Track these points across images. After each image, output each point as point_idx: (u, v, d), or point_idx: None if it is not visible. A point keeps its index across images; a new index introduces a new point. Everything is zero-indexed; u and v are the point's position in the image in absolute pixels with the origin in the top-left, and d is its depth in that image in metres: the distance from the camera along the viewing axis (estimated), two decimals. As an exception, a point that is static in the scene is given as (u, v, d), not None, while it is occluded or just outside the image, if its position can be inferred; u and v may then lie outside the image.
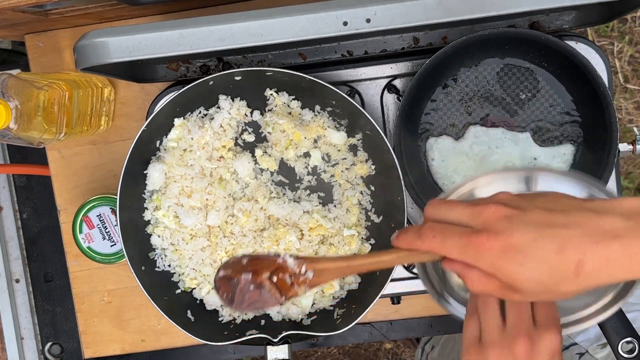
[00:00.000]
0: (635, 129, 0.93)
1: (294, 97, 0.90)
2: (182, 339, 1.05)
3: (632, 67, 1.83)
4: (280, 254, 0.59)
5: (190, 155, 0.90)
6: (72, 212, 0.97)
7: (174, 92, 0.86)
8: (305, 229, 0.90)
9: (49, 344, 1.30)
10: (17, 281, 1.30)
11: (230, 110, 0.90)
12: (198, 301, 0.92)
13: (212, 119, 0.90)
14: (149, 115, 0.92)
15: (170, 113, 0.88)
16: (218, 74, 0.83)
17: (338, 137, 0.90)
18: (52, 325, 1.31)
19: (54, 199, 1.04)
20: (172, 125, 0.90)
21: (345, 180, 0.91)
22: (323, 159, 0.92)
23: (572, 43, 0.87)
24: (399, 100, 0.90)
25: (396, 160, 0.83)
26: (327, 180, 0.92)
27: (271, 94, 0.90)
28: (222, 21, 0.76)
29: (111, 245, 0.96)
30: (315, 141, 0.92)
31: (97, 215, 0.95)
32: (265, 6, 0.78)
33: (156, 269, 0.91)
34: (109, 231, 0.96)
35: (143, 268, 0.88)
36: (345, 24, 0.75)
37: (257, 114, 0.91)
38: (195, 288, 0.92)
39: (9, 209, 1.31)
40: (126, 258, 0.86)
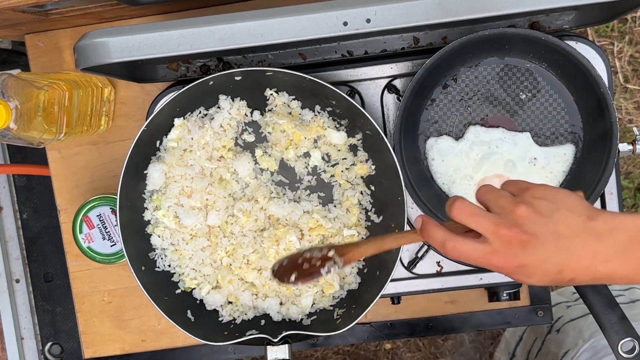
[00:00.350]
0: (635, 129, 0.93)
1: (294, 97, 0.90)
2: (182, 339, 1.05)
3: (632, 67, 1.83)
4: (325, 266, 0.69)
5: (191, 155, 0.90)
6: (72, 212, 0.97)
7: (174, 92, 0.86)
8: (305, 229, 0.90)
9: (49, 344, 1.30)
10: (17, 281, 1.30)
11: (231, 110, 0.90)
12: (198, 301, 0.92)
13: (212, 119, 0.90)
14: (149, 115, 0.92)
15: (170, 113, 0.88)
16: (218, 74, 0.83)
17: (338, 137, 0.90)
18: (52, 325, 1.31)
19: (54, 199, 1.04)
20: (172, 125, 0.90)
21: (345, 180, 0.91)
22: (323, 159, 0.92)
23: (572, 43, 0.87)
24: (399, 100, 0.90)
25: (396, 160, 0.83)
26: (327, 180, 0.92)
27: (271, 94, 0.90)
28: (222, 21, 0.76)
29: (111, 245, 0.96)
30: (315, 141, 0.92)
31: (97, 215, 0.95)
32: (265, 6, 0.78)
33: (156, 269, 0.91)
34: (109, 231, 0.96)
35: (143, 268, 0.88)
36: (345, 24, 0.75)
37: (257, 114, 0.91)
38: (195, 288, 0.92)
39: (9, 209, 1.31)
40: (126, 258, 0.86)
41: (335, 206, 0.91)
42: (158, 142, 0.90)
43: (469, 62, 0.89)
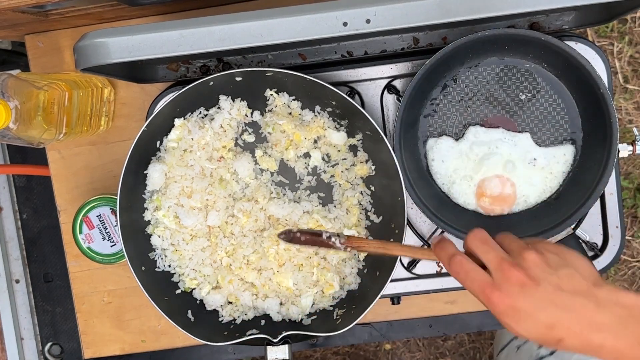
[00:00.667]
0: (635, 129, 0.93)
1: (294, 97, 0.91)
2: (182, 339, 1.05)
3: (632, 67, 1.83)
4: (328, 232, 0.73)
5: (191, 155, 0.90)
6: (72, 213, 0.97)
7: (174, 93, 0.86)
8: (305, 229, 0.90)
9: (49, 344, 1.31)
10: (17, 281, 1.31)
11: (231, 111, 0.90)
12: (198, 301, 0.92)
13: (213, 119, 0.90)
14: (149, 115, 0.92)
15: (171, 113, 0.88)
16: (218, 74, 0.83)
17: (338, 137, 0.90)
18: (52, 325, 1.31)
19: (54, 199, 1.04)
20: (172, 125, 0.90)
21: (345, 180, 0.91)
22: (323, 159, 0.92)
23: (572, 43, 0.87)
24: (399, 100, 0.90)
25: (396, 160, 0.83)
26: (327, 181, 0.92)
27: (271, 95, 0.90)
28: (222, 21, 0.76)
29: (111, 246, 0.96)
30: (315, 141, 0.92)
31: (97, 216, 0.96)
32: (265, 6, 0.78)
33: (156, 269, 0.91)
34: (109, 231, 0.96)
35: (143, 268, 0.88)
36: (345, 24, 0.75)
37: (257, 115, 0.92)
38: (195, 288, 0.92)
39: (9, 209, 1.31)
40: (126, 258, 0.86)
41: (335, 206, 0.92)
42: (158, 142, 0.90)
43: (469, 62, 0.89)
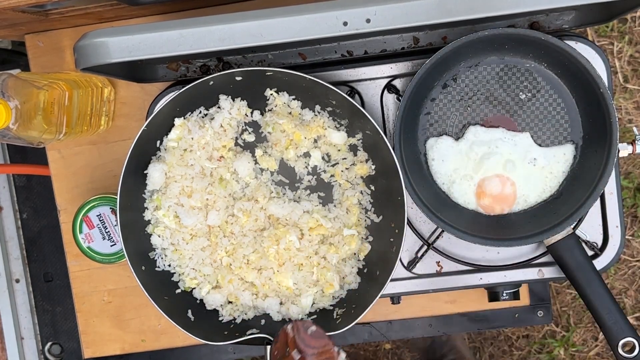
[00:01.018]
0: (635, 129, 0.93)
1: (294, 97, 0.91)
2: (182, 338, 1.06)
3: (632, 67, 1.83)
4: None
5: (191, 155, 0.90)
6: (72, 212, 0.97)
7: (174, 92, 0.86)
8: (305, 228, 0.90)
9: (49, 344, 1.31)
10: (17, 281, 1.31)
11: (231, 110, 0.90)
12: (198, 301, 0.92)
13: (213, 118, 0.90)
14: (149, 115, 0.92)
15: (171, 113, 0.88)
16: (218, 74, 0.83)
17: (338, 137, 0.90)
18: (52, 325, 1.31)
19: (54, 199, 1.04)
20: (173, 125, 0.90)
21: (345, 180, 0.91)
22: (323, 158, 0.92)
23: (572, 43, 0.87)
24: (399, 100, 0.90)
25: (396, 160, 0.83)
26: (327, 180, 0.92)
27: (271, 94, 0.90)
28: (222, 21, 0.76)
29: (111, 245, 0.96)
30: (316, 141, 0.92)
31: (97, 215, 0.96)
32: (265, 6, 0.78)
33: (156, 269, 0.91)
34: (109, 231, 0.96)
35: (143, 268, 0.88)
36: (345, 24, 0.75)
37: (257, 114, 0.92)
38: (195, 288, 0.92)
39: (9, 209, 1.31)
40: (126, 258, 0.86)
41: (335, 206, 0.92)
42: (158, 142, 0.90)
43: (469, 62, 0.89)
